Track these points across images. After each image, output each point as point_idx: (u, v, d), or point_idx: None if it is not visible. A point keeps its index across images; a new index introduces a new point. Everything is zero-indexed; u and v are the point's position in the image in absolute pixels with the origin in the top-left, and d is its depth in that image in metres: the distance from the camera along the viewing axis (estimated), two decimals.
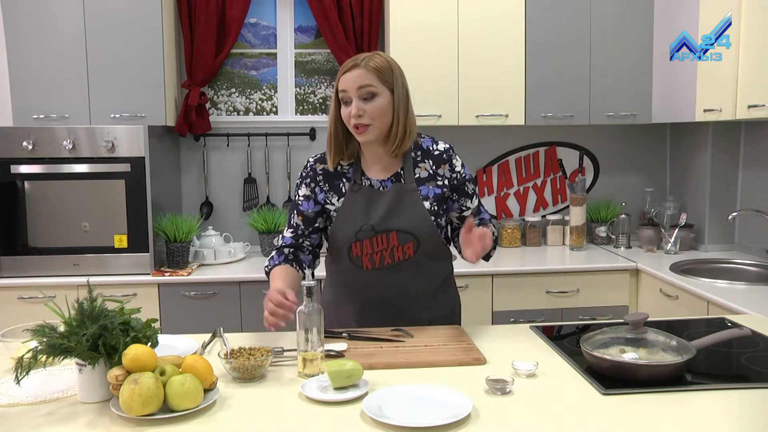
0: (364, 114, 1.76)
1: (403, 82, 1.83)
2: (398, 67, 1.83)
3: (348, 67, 1.79)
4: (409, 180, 1.86)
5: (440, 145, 1.93)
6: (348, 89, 1.77)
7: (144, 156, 3.00)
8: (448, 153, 1.92)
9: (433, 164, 1.90)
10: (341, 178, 1.89)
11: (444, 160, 1.91)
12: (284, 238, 1.93)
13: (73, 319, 1.40)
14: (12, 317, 2.81)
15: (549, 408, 1.37)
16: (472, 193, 1.95)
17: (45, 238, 3.00)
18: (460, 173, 1.91)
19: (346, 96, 1.78)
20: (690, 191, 3.59)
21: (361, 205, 1.85)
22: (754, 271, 3.05)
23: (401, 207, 1.84)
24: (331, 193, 1.89)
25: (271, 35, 3.61)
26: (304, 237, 1.91)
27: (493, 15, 3.28)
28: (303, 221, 1.90)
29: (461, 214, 1.95)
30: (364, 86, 1.75)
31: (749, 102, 2.66)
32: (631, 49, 3.40)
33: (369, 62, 1.77)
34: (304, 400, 1.41)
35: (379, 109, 1.77)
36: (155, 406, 1.30)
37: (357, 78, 1.76)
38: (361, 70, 1.76)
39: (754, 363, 1.66)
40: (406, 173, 1.87)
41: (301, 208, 1.91)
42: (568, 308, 3.14)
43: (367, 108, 1.76)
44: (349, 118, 1.77)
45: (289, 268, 1.86)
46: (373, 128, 1.78)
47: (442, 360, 1.63)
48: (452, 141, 3.62)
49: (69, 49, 3.08)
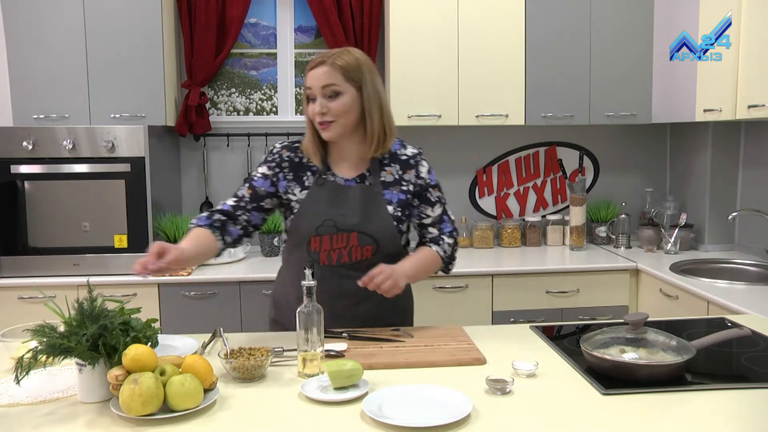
0: (328, 111, 1.76)
1: (374, 81, 1.81)
2: (369, 66, 1.82)
3: (314, 64, 1.79)
4: (375, 183, 1.86)
5: (409, 149, 1.92)
6: (313, 87, 1.77)
7: (144, 156, 3.00)
8: (415, 158, 1.90)
9: (400, 169, 1.89)
10: (306, 171, 1.88)
11: (411, 165, 1.89)
12: (223, 204, 1.88)
13: (73, 319, 1.40)
14: (12, 317, 2.81)
15: (549, 408, 1.37)
16: (435, 201, 1.92)
17: (45, 238, 3.00)
18: (425, 180, 1.90)
19: (312, 93, 1.79)
20: (690, 191, 3.59)
21: (325, 200, 1.84)
22: (754, 271, 3.05)
23: (365, 208, 1.83)
24: (294, 183, 1.87)
25: (271, 35, 3.61)
26: (244, 210, 1.86)
27: (493, 15, 3.28)
28: (251, 195, 1.87)
29: (421, 221, 1.93)
30: (327, 85, 1.75)
31: (749, 102, 2.65)
32: (631, 49, 3.40)
33: (336, 60, 1.76)
34: (304, 400, 1.41)
35: (342, 107, 1.76)
36: (155, 406, 1.30)
37: (321, 76, 1.76)
38: (327, 67, 1.76)
39: (754, 363, 1.66)
40: (372, 175, 1.86)
41: (254, 183, 1.88)
42: (568, 308, 3.14)
43: (331, 105, 1.76)
44: (314, 115, 1.78)
45: (209, 235, 1.80)
46: (336, 125, 1.78)
47: (442, 360, 1.63)
48: (452, 141, 3.67)
49: (69, 49, 3.08)
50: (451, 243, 1.95)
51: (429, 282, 3.06)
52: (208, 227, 1.82)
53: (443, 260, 1.94)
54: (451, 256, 1.96)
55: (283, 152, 1.91)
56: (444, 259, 1.94)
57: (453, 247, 1.96)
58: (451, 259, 1.96)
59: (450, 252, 1.95)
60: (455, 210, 3.66)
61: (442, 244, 1.93)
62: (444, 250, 1.93)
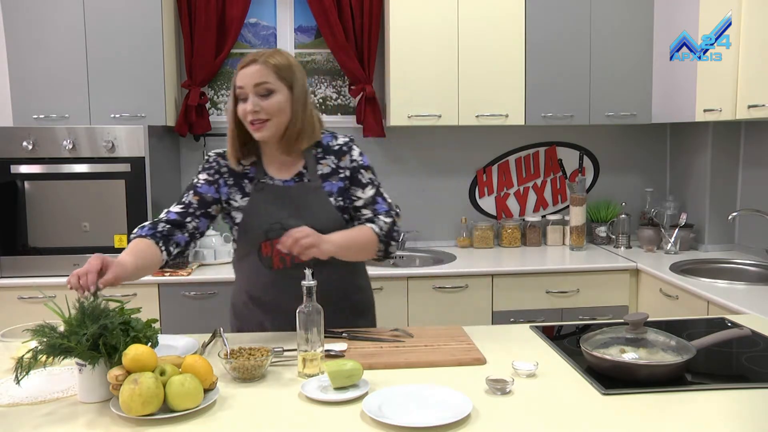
0: (261, 110, 1.73)
1: (303, 82, 1.80)
2: (299, 67, 1.81)
3: (246, 62, 1.76)
4: (314, 178, 1.84)
5: (340, 139, 1.90)
6: (245, 85, 1.74)
7: (144, 156, 3.00)
8: (348, 145, 1.89)
9: (335, 158, 1.87)
10: (243, 178, 1.86)
11: (344, 152, 1.87)
12: (168, 213, 1.82)
13: (74, 319, 1.40)
14: (12, 317, 2.81)
15: (549, 408, 1.37)
16: (367, 182, 1.88)
17: (45, 238, 3.00)
18: (357, 161, 1.87)
19: (243, 93, 1.74)
20: (690, 191, 3.59)
21: (268, 203, 1.82)
22: (754, 271, 3.05)
23: (308, 205, 1.82)
24: (234, 189, 1.86)
25: (271, 35, 3.61)
26: (192, 217, 1.83)
27: (493, 15, 3.28)
28: (198, 201, 1.84)
29: (353, 204, 1.87)
30: (261, 83, 1.73)
31: (749, 102, 2.65)
32: (631, 49, 3.40)
33: (268, 59, 1.74)
34: (304, 400, 1.41)
35: (276, 106, 1.74)
36: (155, 406, 1.30)
37: (254, 74, 1.73)
38: (260, 66, 1.73)
39: (754, 363, 1.66)
40: (309, 171, 1.85)
41: (200, 189, 1.85)
42: (568, 308, 3.14)
43: (264, 104, 1.73)
44: (246, 114, 1.74)
45: (151, 246, 1.73)
46: (270, 124, 1.75)
47: (442, 360, 1.63)
48: (452, 141, 3.67)
49: (69, 49, 3.08)
50: (389, 222, 1.84)
51: (429, 282, 3.06)
52: (150, 237, 1.75)
53: (379, 238, 1.80)
54: (389, 235, 1.83)
55: (219, 159, 1.88)
56: (380, 237, 1.81)
57: (391, 226, 1.84)
58: (388, 237, 1.83)
59: (387, 230, 1.82)
60: (455, 210, 3.71)
61: (378, 221, 1.83)
62: (380, 227, 1.82)
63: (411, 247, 3.61)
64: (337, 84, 3.66)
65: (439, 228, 3.71)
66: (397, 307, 3.05)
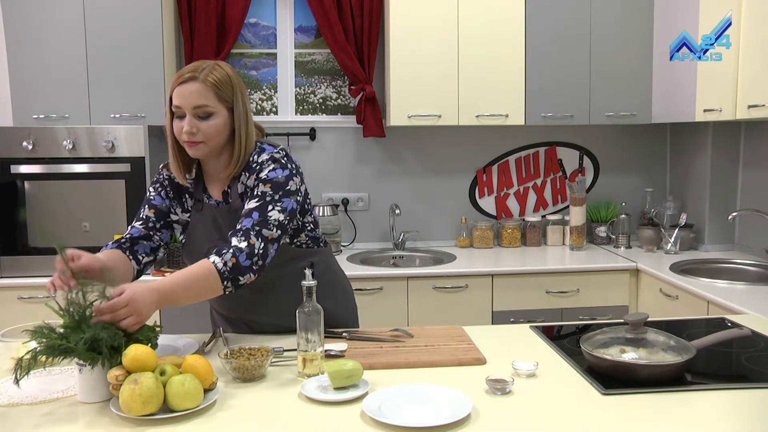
0: (198, 131, 1.66)
1: (243, 99, 1.72)
2: (239, 81, 1.72)
3: (185, 78, 1.65)
4: (235, 199, 1.76)
5: (263, 155, 1.72)
6: (183, 105, 1.65)
7: (144, 156, 3.00)
8: (265, 163, 1.71)
9: (249, 176, 1.73)
10: (184, 193, 1.84)
11: (254, 170, 1.71)
12: (131, 229, 1.79)
13: (71, 322, 1.40)
14: (12, 317, 2.80)
15: (549, 408, 1.37)
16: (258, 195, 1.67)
17: (45, 238, 2.99)
18: (261, 177, 1.69)
19: (180, 111, 1.67)
20: (690, 191, 3.59)
21: (206, 224, 1.80)
22: (754, 271, 3.05)
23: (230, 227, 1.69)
24: (175, 202, 1.85)
25: (271, 35, 3.61)
26: (154, 231, 1.81)
27: (493, 15, 3.27)
28: (155, 214, 1.82)
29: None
30: (199, 106, 1.65)
31: (749, 102, 2.65)
32: (631, 49, 3.40)
33: (208, 76, 1.65)
34: (304, 400, 1.41)
35: (214, 129, 1.67)
36: (155, 406, 1.30)
37: (193, 96, 1.64)
38: (199, 85, 1.64)
39: (754, 363, 1.66)
40: (232, 192, 1.77)
41: (153, 201, 1.83)
42: (568, 308, 3.14)
43: (202, 126, 1.66)
44: (180, 133, 1.67)
45: (119, 253, 1.73)
46: (204, 146, 1.68)
47: (442, 360, 1.63)
48: (452, 141, 3.67)
49: (69, 49, 3.08)
50: (242, 247, 1.58)
51: (429, 282, 3.06)
52: (117, 248, 1.75)
53: (221, 275, 1.55)
54: (236, 269, 1.56)
55: (163, 171, 1.86)
56: (223, 273, 1.55)
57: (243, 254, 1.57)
58: (234, 272, 1.56)
59: (233, 264, 1.56)
60: (455, 210, 3.71)
61: (225, 252, 1.57)
62: (224, 261, 1.55)
63: (411, 247, 3.61)
64: (337, 84, 3.66)
65: (439, 228, 3.71)
66: (397, 307, 3.05)
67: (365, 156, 3.63)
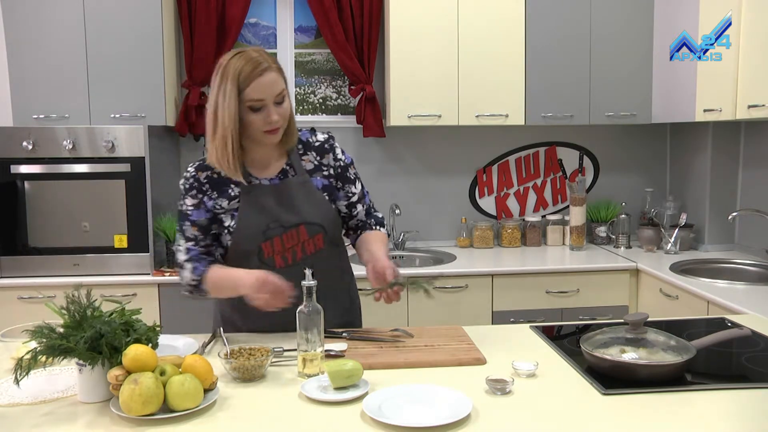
0: (280, 117, 1.72)
1: None
2: None
3: (260, 71, 1.67)
4: (301, 172, 1.84)
5: (319, 135, 1.91)
6: (266, 96, 1.68)
7: (144, 156, 3.00)
8: (329, 143, 1.90)
9: (317, 155, 1.87)
10: (229, 183, 1.81)
11: (326, 150, 1.89)
12: (189, 251, 1.80)
13: (71, 321, 1.40)
14: (12, 317, 2.81)
15: (549, 408, 1.37)
16: (354, 177, 1.94)
17: (45, 238, 3.00)
18: (342, 160, 1.90)
19: (262, 104, 1.68)
20: (690, 191, 3.59)
21: (261, 202, 1.80)
22: (754, 271, 3.05)
23: (301, 200, 1.81)
24: (219, 197, 1.80)
25: (271, 35, 3.61)
26: (206, 246, 1.82)
27: (493, 15, 3.28)
28: (199, 230, 1.80)
29: (349, 201, 1.92)
30: (280, 92, 1.71)
31: (749, 102, 2.65)
32: (631, 49, 3.40)
33: (274, 63, 1.72)
34: (304, 400, 1.41)
35: (289, 110, 1.77)
36: (155, 406, 1.30)
37: (274, 84, 1.69)
38: (274, 73, 1.70)
39: (754, 363, 1.66)
40: (295, 167, 1.84)
41: (192, 218, 1.80)
42: (568, 308, 3.14)
43: (280, 111, 1.72)
44: (266, 124, 1.70)
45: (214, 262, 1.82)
46: (281, 130, 1.76)
47: (442, 360, 1.63)
48: (452, 141, 3.67)
49: (69, 49, 3.08)
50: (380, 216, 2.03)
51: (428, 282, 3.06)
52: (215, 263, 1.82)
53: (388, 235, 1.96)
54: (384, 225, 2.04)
55: (198, 175, 1.81)
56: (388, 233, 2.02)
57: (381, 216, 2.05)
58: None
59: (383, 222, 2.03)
60: (455, 210, 3.71)
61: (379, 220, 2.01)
62: (384, 225, 2.02)
63: (411, 247, 3.61)
64: (337, 84, 3.66)
65: (439, 228, 3.71)
66: (397, 307, 3.05)
67: (365, 156, 3.63)
